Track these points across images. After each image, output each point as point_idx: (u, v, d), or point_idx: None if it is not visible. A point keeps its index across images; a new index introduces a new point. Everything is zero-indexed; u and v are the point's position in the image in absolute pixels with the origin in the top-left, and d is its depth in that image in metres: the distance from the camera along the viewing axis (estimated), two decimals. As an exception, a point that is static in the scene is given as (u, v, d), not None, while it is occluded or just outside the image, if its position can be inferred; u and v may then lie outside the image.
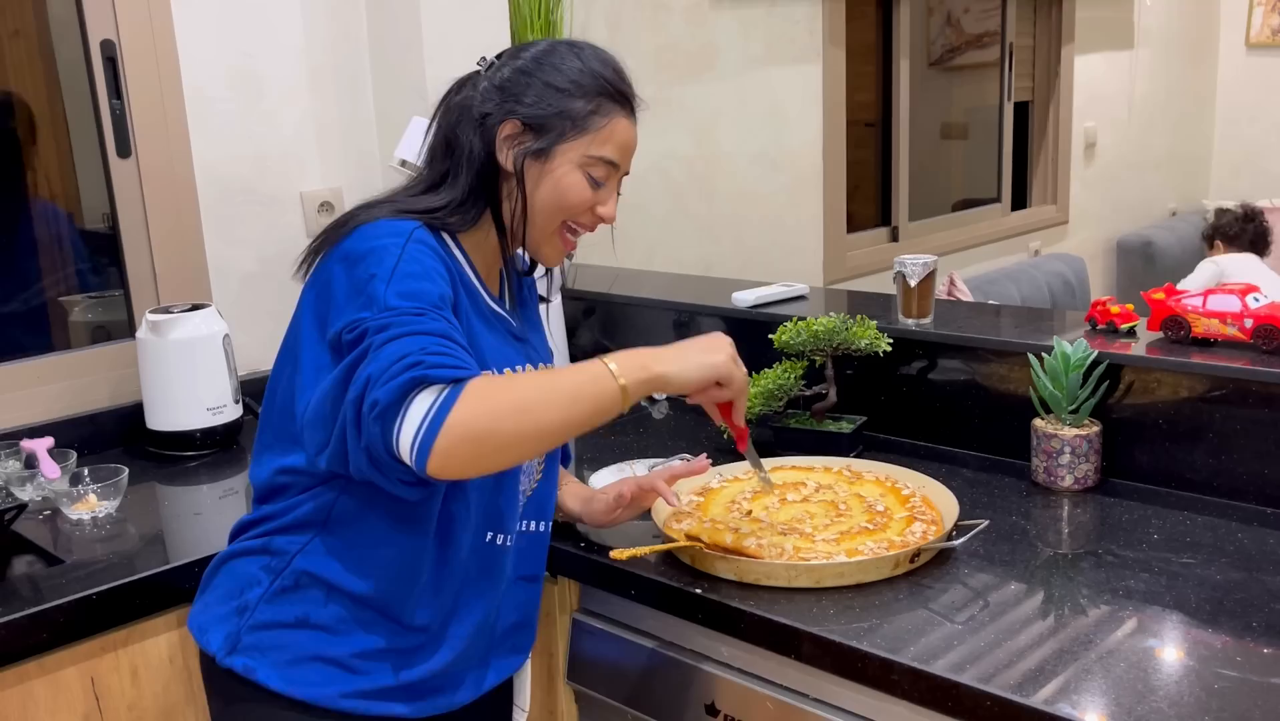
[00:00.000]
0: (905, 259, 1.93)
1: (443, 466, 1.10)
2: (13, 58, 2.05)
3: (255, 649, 1.29)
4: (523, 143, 1.31)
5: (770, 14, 3.22)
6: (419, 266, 1.21)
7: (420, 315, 1.15)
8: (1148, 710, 1.09)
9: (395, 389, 1.09)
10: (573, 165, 1.32)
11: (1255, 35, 5.46)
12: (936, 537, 1.43)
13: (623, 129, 1.36)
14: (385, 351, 1.12)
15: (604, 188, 1.35)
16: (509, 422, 1.11)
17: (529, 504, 1.42)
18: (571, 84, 1.32)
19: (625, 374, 1.19)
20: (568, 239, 1.37)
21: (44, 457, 1.79)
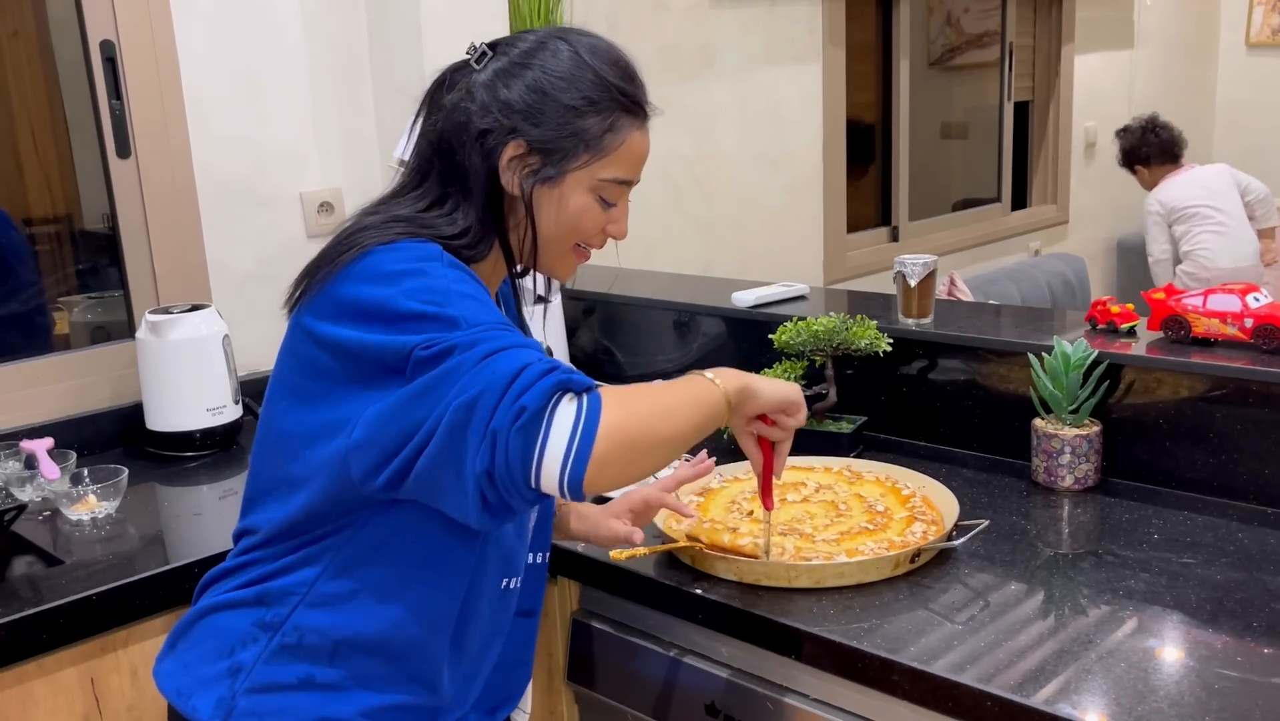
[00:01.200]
0: (905, 259, 1.93)
1: (599, 474, 1.02)
2: (12, 58, 2.05)
3: (253, 714, 1.16)
4: (529, 165, 1.19)
5: (770, 14, 3.22)
6: (471, 287, 1.11)
7: (509, 329, 1.06)
8: (1148, 710, 1.09)
9: (541, 394, 1.00)
10: (584, 189, 1.22)
11: (1255, 35, 5.46)
12: (937, 538, 1.43)
13: (637, 143, 1.23)
14: (496, 365, 1.01)
15: (614, 208, 1.26)
16: (655, 425, 1.07)
17: (536, 534, 1.34)
18: (583, 100, 1.19)
19: (724, 383, 1.17)
20: (580, 253, 1.28)
21: (44, 458, 1.79)
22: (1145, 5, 4.95)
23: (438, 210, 1.20)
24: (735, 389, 1.19)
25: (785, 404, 1.26)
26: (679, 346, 2.25)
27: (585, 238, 1.26)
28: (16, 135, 2.07)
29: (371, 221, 1.18)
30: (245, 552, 1.21)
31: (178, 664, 1.22)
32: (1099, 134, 4.86)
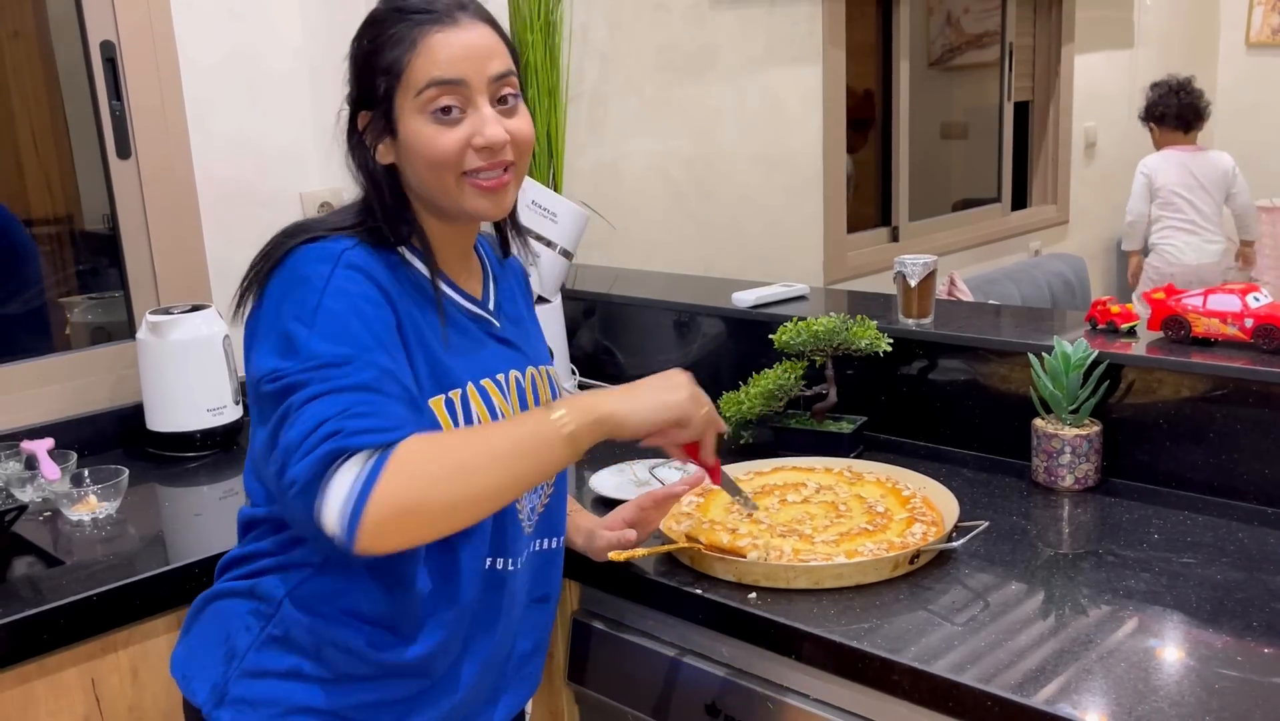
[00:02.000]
0: (905, 259, 1.93)
1: (373, 544, 1.00)
2: (12, 59, 2.06)
3: (244, 701, 1.19)
4: (374, 129, 1.19)
5: (770, 14, 3.22)
6: (345, 301, 1.09)
7: (345, 364, 1.05)
8: (1148, 710, 1.09)
9: (312, 464, 1.00)
10: (414, 116, 1.16)
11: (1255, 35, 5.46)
12: (936, 539, 1.43)
13: (439, 42, 1.15)
14: (304, 415, 1.03)
15: (466, 115, 1.17)
16: (443, 489, 1.02)
17: (541, 521, 1.32)
18: (374, 41, 1.18)
19: (572, 419, 1.09)
20: (480, 184, 1.19)
21: (44, 459, 1.79)
22: (1145, 5, 4.95)
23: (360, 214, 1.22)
24: (588, 423, 1.10)
25: (660, 425, 1.17)
26: (679, 346, 2.25)
27: (453, 160, 1.17)
28: (17, 136, 2.07)
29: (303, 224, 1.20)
30: (250, 541, 1.25)
31: (185, 649, 1.28)
32: (1099, 134, 4.86)
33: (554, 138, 2.52)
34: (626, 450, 1.92)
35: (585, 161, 2.77)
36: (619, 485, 1.73)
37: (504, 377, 1.26)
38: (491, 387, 1.24)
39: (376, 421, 1.02)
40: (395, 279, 1.18)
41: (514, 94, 1.21)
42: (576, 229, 2.20)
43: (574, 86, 2.69)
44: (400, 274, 1.20)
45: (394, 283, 1.17)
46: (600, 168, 2.82)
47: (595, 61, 2.78)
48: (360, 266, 1.13)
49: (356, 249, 1.15)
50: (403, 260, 1.21)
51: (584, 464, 1.85)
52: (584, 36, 2.72)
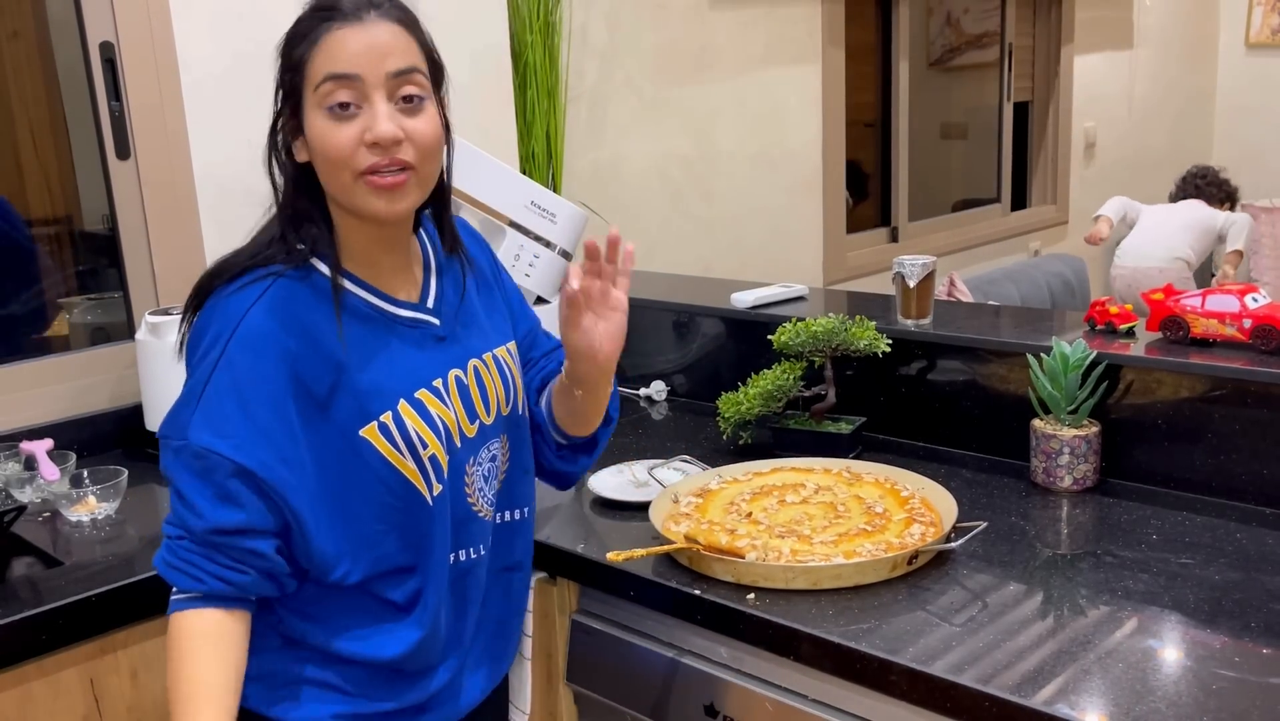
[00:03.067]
0: (904, 259, 1.93)
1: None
2: (11, 59, 2.06)
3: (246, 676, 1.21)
4: (287, 128, 1.20)
5: (769, 14, 3.22)
6: (229, 378, 1.14)
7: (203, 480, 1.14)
8: (1146, 710, 1.09)
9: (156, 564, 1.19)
10: (314, 112, 1.16)
11: (1255, 35, 5.46)
12: (935, 539, 1.43)
13: (339, 38, 1.15)
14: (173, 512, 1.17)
15: (358, 111, 1.15)
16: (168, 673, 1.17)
17: (502, 497, 1.35)
18: (286, 39, 1.19)
19: None
20: (373, 182, 1.16)
21: (43, 459, 1.79)
22: (1144, 6, 4.95)
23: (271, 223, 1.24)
24: None
25: None
26: (678, 347, 2.25)
27: (346, 156, 1.15)
28: (16, 136, 2.07)
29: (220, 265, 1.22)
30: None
31: None
32: (1098, 134, 4.86)
33: (553, 138, 2.52)
34: (625, 451, 1.92)
35: (584, 162, 2.77)
36: (619, 485, 1.74)
37: (441, 383, 1.25)
38: (428, 398, 1.23)
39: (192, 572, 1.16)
40: (311, 308, 1.19)
41: (419, 95, 1.17)
42: (575, 229, 2.20)
43: (573, 87, 2.69)
44: (318, 291, 1.20)
45: (312, 314, 1.18)
46: (599, 168, 2.82)
47: (594, 62, 2.78)
48: (258, 332, 1.15)
49: (265, 300, 1.17)
50: (315, 270, 1.21)
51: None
52: (583, 37, 2.72)
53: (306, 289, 1.19)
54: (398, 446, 1.20)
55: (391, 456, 1.20)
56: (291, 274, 1.19)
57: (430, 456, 1.22)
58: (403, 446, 1.20)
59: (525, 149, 2.50)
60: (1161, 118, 5.23)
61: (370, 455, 1.19)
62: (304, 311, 1.18)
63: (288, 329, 1.16)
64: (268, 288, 1.17)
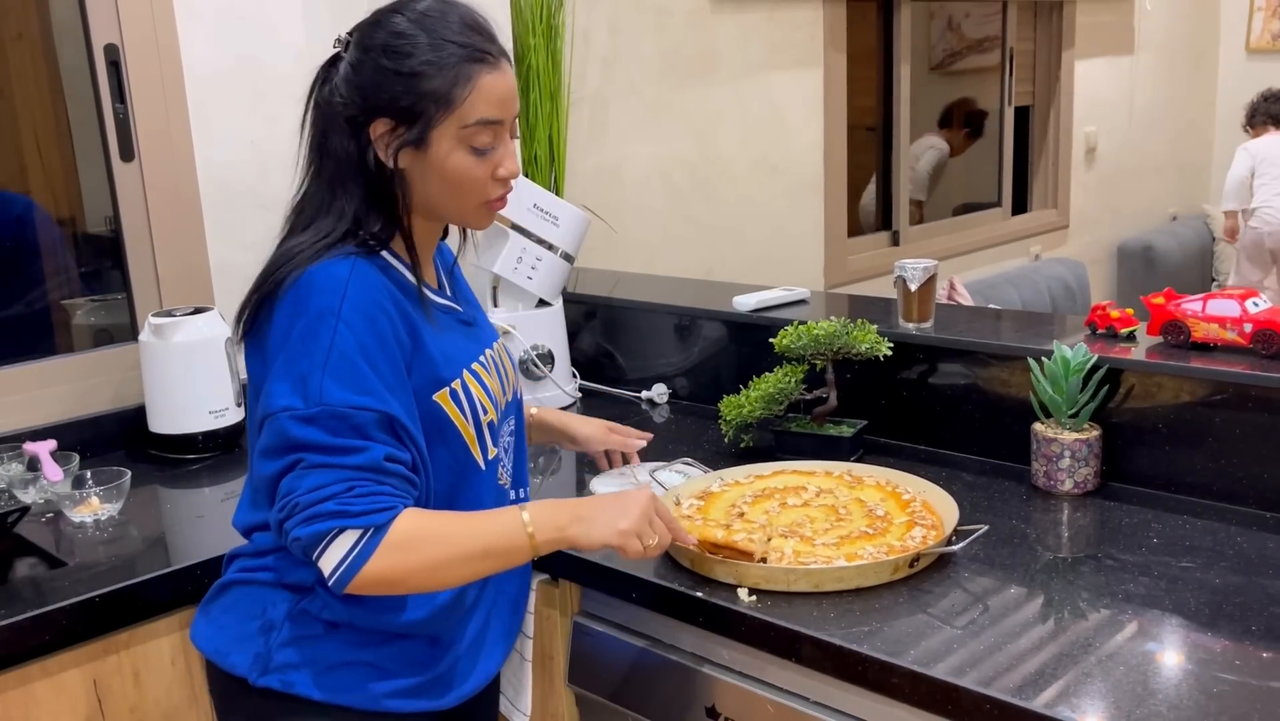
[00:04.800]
0: (906, 263, 1.93)
1: (355, 595, 1.20)
2: (16, 61, 2.06)
3: (289, 665, 1.28)
4: (397, 138, 1.26)
5: (771, 18, 3.22)
6: (352, 340, 1.18)
7: (353, 420, 1.16)
8: (1147, 714, 1.10)
9: (316, 532, 1.15)
10: (452, 144, 1.26)
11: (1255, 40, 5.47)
12: (936, 542, 1.43)
13: (489, 85, 1.26)
14: (312, 477, 1.16)
15: (494, 150, 1.29)
16: (418, 576, 1.20)
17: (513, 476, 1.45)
18: (425, 64, 1.24)
19: (539, 532, 1.23)
20: (494, 207, 1.33)
21: (46, 460, 1.79)
22: (1145, 10, 4.95)
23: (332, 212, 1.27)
24: (548, 541, 1.24)
25: (613, 548, 1.28)
26: (680, 350, 2.26)
27: (479, 189, 1.29)
28: (20, 138, 2.08)
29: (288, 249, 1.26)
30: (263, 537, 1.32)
31: (213, 626, 1.35)
32: (1099, 139, 4.86)
33: (556, 141, 2.53)
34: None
35: (587, 165, 2.78)
36: (621, 487, 1.74)
37: (483, 359, 1.38)
38: (480, 369, 1.35)
39: (374, 502, 1.16)
40: (390, 286, 1.26)
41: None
42: (578, 232, 2.21)
43: (576, 90, 2.69)
44: (390, 277, 1.27)
45: (392, 290, 1.26)
46: (602, 171, 2.83)
47: (597, 65, 2.78)
48: (364, 294, 1.21)
49: (357, 270, 1.23)
50: (388, 263, 1.29)
51: (585, 466, 1.85)
52: (586, 40, 2.73)
53: (382, 275, 1.26)
54: (464, 412, 1.30)
55: (458, 421, 1.30)
56: (369, 259, 1.26)
57: (489, 423, 1.34)
58: (468, 412, 1.31)
59: (528, 152, 2.51)
60: (1162, 122, 5.24)
61: (443, 419, 1.28)
62: (388, 286, 1.26)
63: (385, 293, 1.24)
64: (355, 264, 1.23)
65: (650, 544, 1.28)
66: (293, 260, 1.23)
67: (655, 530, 1.29)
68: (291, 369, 1.18)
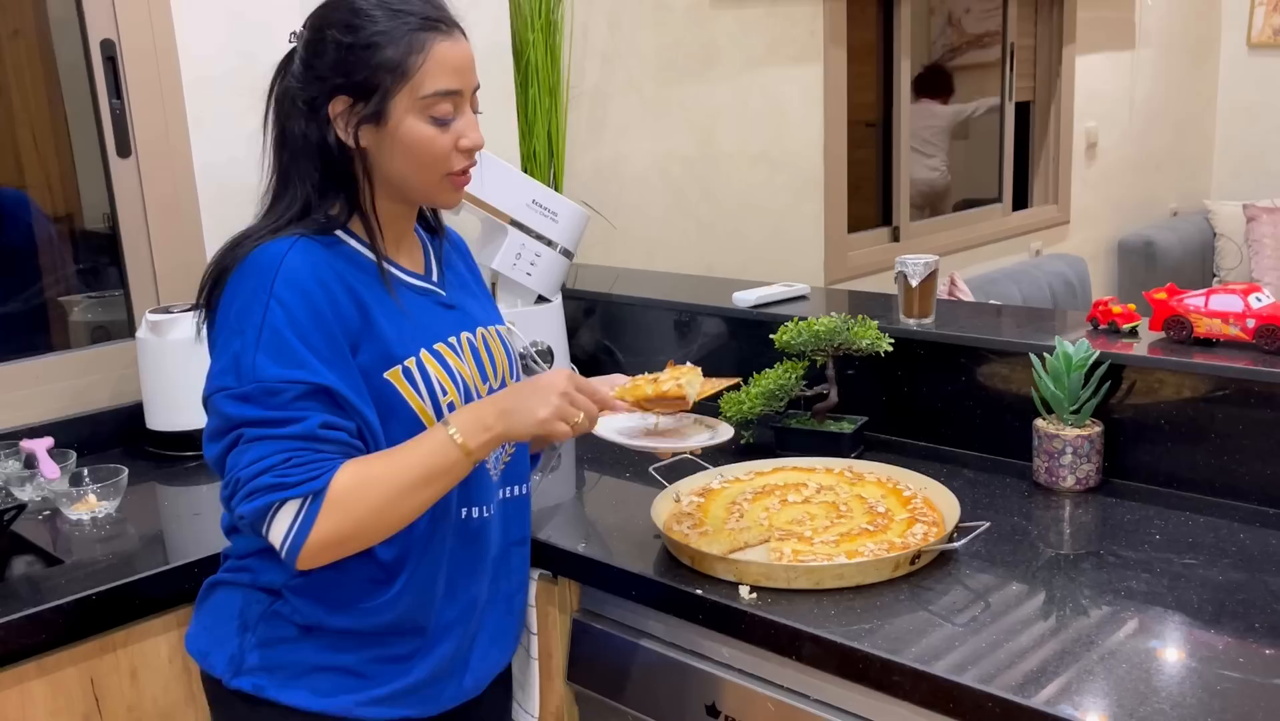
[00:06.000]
0: (906, 259, 1.92)
1: (310, 566, 1.19)
2: (12, 58, 2.05)
3: (261, 668, 1.28)
4: (356, 114, 1.25)
5: (771, 14, 3.21)
6: (283, 315, 1.18)
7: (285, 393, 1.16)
8: (1150, 711, 1.09)
9: (258, 507, 1.16)
10: (411, 116, 1.25)
11: (1257, 35, 5.45)
12: (937, 539, 1.42)
13: (444, 53, 1.25)
14: (251, 451, 1.16)
15: (457, 120, 1.28)
16: (368, 524, 1.19)
17: (507, 471, 1.41)
18: (377, 34, 1.23)
19: (469, 438, 1.21)
20: (458, 180, 1.31)
21: (44, 458, 1.79)
22: (1146, 6, 4.94)
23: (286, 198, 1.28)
24: (481, 440, 1.22)
25: (543, 433, 1.26)
26: (680, 346, 2.25)
27: (441, 161, 1.28)
28: (17, 135, 2.07)
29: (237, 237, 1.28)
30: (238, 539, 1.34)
31: (199, 627, 1.36)
32: (1100, 134, 4.85)
33: (555, 137, 2.52)
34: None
35: (586, 161, 2.77)
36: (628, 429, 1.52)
37: (456, 340, 1.35)
38: (445, 350, 1.32)
39: (311, 470, 1.16)
40: (337, 263, 1.25)
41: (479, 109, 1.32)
42: (577, 228, 2.20)
43: (575, 86, 2.69)
44: (340, 255, 1.27)
45: (338, 267, 1.25)
46: (601, 167, 2.82)
47: (596, 61, 2.77)
48: (298, 270, 1.21)
49: (295, 248, 1.22)
50: (340, 241, 1.29)
51: (583, 464, 1.84)
52: (585, 36, 2.72)
53: (331, 252, 1.26)
54: (419, 391, 1.27)
55: (412, 400, 1.27)
56: (315, 239, 1.26)
57: (449, 404, 1.30)
58: (424, 391, 1.28)
59: (527, 148, 2.50)
60: (1163, 118, 5.22)
61: (393, 398, 1.26)
62: (333, 262, 1.25)
63: (326, 269, 1.23)
64: (295, 243, 1.23)
65: (577, 421, 1.26)
66: (238, 247, 1.25)
67: (580, 406, 1.26)
68: (227, 349, 1.19)
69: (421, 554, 1.30)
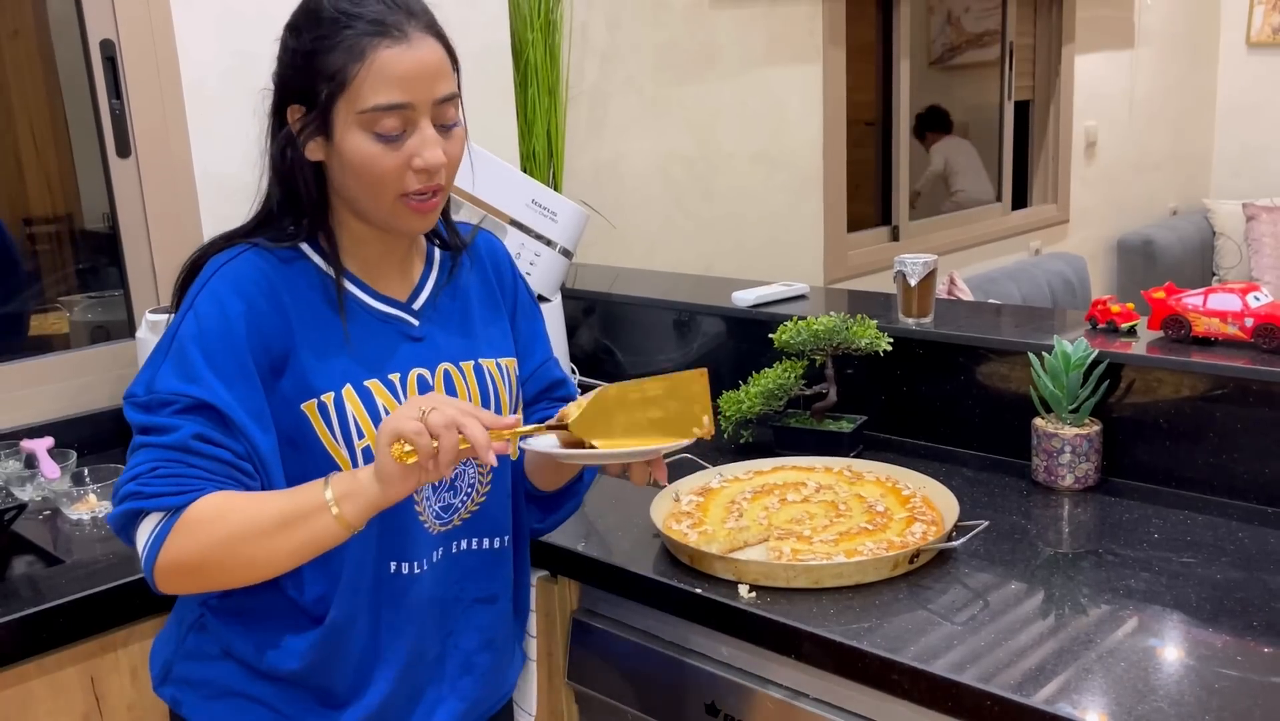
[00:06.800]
0: (905, 258, 1.93)
1: (167, 589, 1.13)
2: (12, 57, 2.06)
3: (184, 680, 1.26)
4: (307, 124, 1.15)
5: (770, 13, 3.21)
6: (194, 329, 1.14)
7: (174, 405, 1.11)
8: (1148, 709, 1.09)
9: (119, 515, 1.11)
10: (353, 130, 1.13)
11: (1256, 34, 5.45)
12: (936, 538, 1.43)
13: (388, 61, 1.12)
14: (130, 461, 1.13)
15: (408, 137, 1.14)
16: (216, 554, 1.09)
17: (473, 522, 1.28)
18: (317, 39, 1.13)
19: (341, 499, 1.08)
20: (413, 205, 1.17)
21: (44, 457, 1.79)
22: (1146, 5, 4.94)
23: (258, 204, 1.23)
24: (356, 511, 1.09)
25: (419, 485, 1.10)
26: (679, 346, 2.25)
27: (392, 181, 1.15)
28: (17, 135, 2.07)
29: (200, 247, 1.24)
30: None
31: (159, 636, 1.35)
32: (1099, 133, 4.86)
33: (554, 136, 2.52)
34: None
35: (585, 160, 2.77)
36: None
37: (399, 377, 1.22)
38: (379, 388, 1.20)
39: (175, 485, 1.09)
40: (285, 279, 1.19)
41: (455, 121, 1.18)
42: (576, 228, 2.20)
43: (574, 85, 2.69)
44: (295, 271, 1.20)
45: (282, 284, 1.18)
46: (600, 166, 2.82)
47: (595, 60, 2.77)
48: (224, 284, 1.15)
49: (237, 260, 1.17)
50: (303, 255, 1.22)
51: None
52: (584, 35, 2.72)
53: (284, 266, 1.19)
54: (333, 429, 1.18)
55: (324, 437, 1.17)
56: (273, 250, 1.20)
57: (364, 449, 1.18)
58: (338, 431, 1.18)
59: (526, 147, 2.50)
60: (1162, 117, 5.23)
61: (308, 431, 1.17)
62: (275, 279, 1.18)
63: (256, 285, 1.16)
64: (242, 251, 1.19)
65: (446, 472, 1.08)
66: (197, 256, 1.21)
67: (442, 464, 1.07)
68: (150, 359, 1.17)
69: (347, 601, 1.20)
